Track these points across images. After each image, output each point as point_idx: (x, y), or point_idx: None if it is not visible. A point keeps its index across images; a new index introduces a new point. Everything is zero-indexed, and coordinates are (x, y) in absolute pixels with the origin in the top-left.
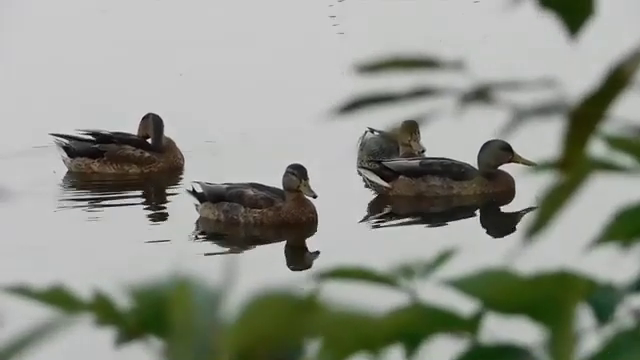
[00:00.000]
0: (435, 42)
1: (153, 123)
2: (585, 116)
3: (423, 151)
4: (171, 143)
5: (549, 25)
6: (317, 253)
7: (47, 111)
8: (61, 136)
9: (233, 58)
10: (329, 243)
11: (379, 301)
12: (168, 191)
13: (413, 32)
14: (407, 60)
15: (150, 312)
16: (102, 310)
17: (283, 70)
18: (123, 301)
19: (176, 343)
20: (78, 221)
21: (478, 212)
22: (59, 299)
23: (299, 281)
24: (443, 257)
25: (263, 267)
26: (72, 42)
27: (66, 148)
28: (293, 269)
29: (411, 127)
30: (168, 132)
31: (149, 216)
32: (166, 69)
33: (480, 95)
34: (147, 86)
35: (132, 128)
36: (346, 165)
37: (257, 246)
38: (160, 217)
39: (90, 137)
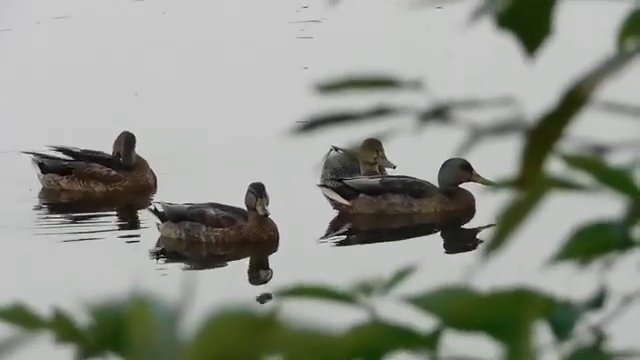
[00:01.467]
0: (398, 58)
1: (123, 140)
2: (543, 134)
3: (394, 167)
4: (142, 162)
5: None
6: (271, 271)
7: (18, 127)
8: (35, 153)
9: (195, 73)
10: (290, 261)
11: (339, 318)
12: (132, 210)
13: (378, 47)
14: (366, 80)
15: (109, 330)
16: (62, 328)
17: (245, 86)
18: (83, 319)
19: None
20: (42, 239)
21: (438, 230)
22: (19, 317)
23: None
24: (402, 274)
25: (224, 285)
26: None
27: (40, 164)
28: (254, 287)
29: (375, 145)
30: (144, 152)
31: (111, 235)
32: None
33: (438, 114)
34: (105, 104)
35: (104, 145)
36: (309, 183)
37: (218, 265)
38: (122, 236)
39: (60, 154)
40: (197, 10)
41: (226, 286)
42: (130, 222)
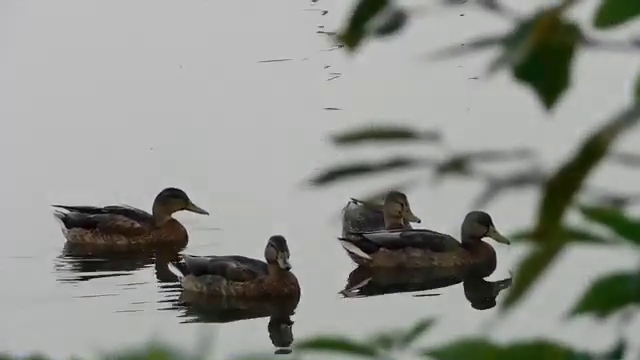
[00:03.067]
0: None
1: (159, 196)
2: (561, 186)
3: (419, 221)
4: (175, 221)
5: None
6: (291, 324)
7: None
8: (59, 206)
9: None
10: (311, 314)
11: None
12: (154, 263)
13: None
14: (384, 131)
15: None
16: None
17: (264, 134)
18: None
19: None
20: (64, 292)
21: (459, 283)
22: None
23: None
24: (421, 327)
25: (244, 339)
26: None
27: (64, 219)
28: (274, 341)
29: (399, 198)
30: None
31: (132, 288)
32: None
33: (456, 165)
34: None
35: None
36: (329, 236)
37: (239, 318)
38: (144, 289)
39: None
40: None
41: (247, 340)
42: (152, 276)
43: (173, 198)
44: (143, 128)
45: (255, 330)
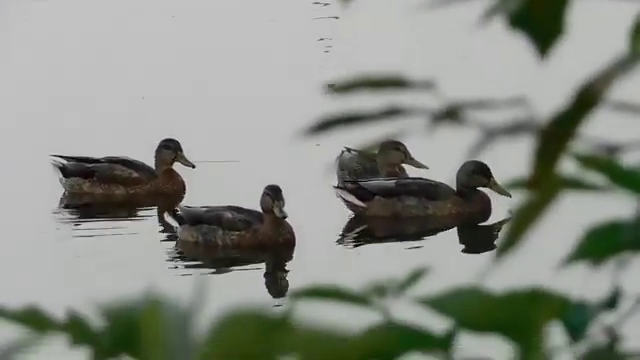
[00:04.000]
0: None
1: (157, 146)
2: (555, 134)
3: (427, 168)
4: (172, 171)
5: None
6: (287, 273)
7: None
8: (61, 157)
9: (205, 72)
10: (306, 263)
11: (353, 320)
12: (149, 213)
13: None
14: (378, 80)
15: (123, 332)
16: (76, 331)
17: (260, 85)
18: (97, 321)
19: None
20: (59, 242)
21: (454, 231)
22: (33, 320)
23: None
24: (416, 276)
25: (240, 289)
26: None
27: (62, 169)
28: (270, 290)
29: (401, 147)
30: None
31: (128, 238)
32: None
33: (450, 114)
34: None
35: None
36: (324, 185)
37: (234, 268)
38: (140, 240)
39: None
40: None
41: (242, 289)
42: (149, 225)
43: (165, 149)
44: (134, 78)
45: (251, 280)
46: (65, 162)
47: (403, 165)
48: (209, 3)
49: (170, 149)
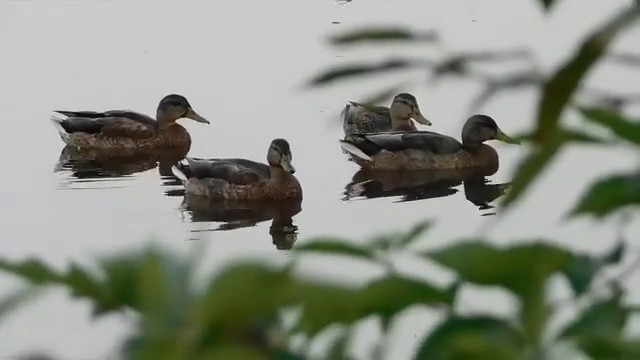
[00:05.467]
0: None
1: (161, 102)
2: (559, 87)
3: (430, 124)
4: (178, 125)
5: None
6: (293, 228)
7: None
8: (60, 112)
9: (210, 29)
10: (312, 217)
11: (356, 273)
12: (160, 166)
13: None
14: (380, 32)
15: (124, 284)
16: (78, 283)
17: (262, 35)
18: (99, 274)
19: (147, 314)
20: (70, 196)
21: (460, 185)
22: (34, 272)
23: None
24: (419, 229)
25: (245, 242)
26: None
27: (63, 124)
28: (276, 243)
29: (409, 100)
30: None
31: (136, 192)
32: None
33: (454, 67)
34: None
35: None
36: (330, 138)
37: (241, 221)
38: (148, 193)
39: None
40: None
41: (248, 243)
42: (158, 177)
43: (173, 105)
44: (136, 32)
45: (257, 233)
46: (66, 117)
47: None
48: None
49: (180, 105)
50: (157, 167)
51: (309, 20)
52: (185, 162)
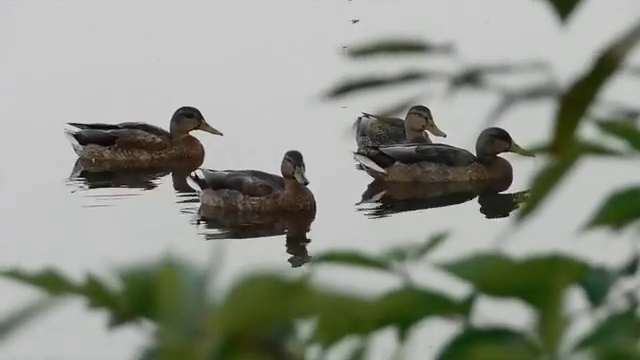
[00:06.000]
0: (435, 28)
1: (174, 114)
2: (575, 99)
3: (445, 135)
4: (192, 137)
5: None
6: (310, 241)
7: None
8: (73, 124)
9: (224, 37)
10: (326, 229)
11: (373, 285)
12: (175, 178)
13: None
14: (397, 44)
15: (141, 295)
16: (94, 293)
17: (278, 47)
18: (115, 285)
19: (164, 325)
20: (86, 208)
21: (474, 198)
22: (51, 283)
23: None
24: (435, 241)
25: (259, 254)
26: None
27: (77, 136)
28: (288, 256)
29: (424, 112)
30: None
31: (151, 203)
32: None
33: (470, 79)
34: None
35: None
36: (343, 150)
37: (255, 233)
38: (163, 204)
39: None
40: None
41: (262, 254)
42: (172, 189)
43: (187, 117)
44: (150, 40)
45: (271, 245)
46: (79, 129)
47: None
48: None
49: (193, 117)
50: (171, 178)
51: (325, 26)
52: (200, 173)
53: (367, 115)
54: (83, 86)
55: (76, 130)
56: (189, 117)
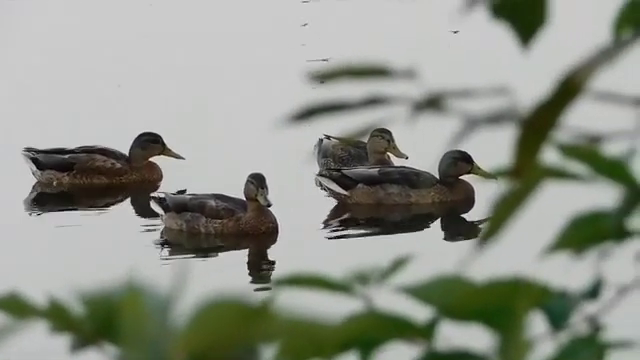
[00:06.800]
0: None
1: (139, 140)
2: (537, 124)
3: (407, 158)
4: (151, 162)
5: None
6: (273, 263)
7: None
8: (33, 150)
9: (187, 59)
10: (288, 251)
11: (335, 308)
12: (135, 200)
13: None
14: (360, 69)
15: (104, 319)
16: (57, 317)
17: (239, 76)
18: (78, 308)
19: (128, 349)
20: (44, 230)
21: (437, 220)
22: (14, 306)
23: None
24: (398, 264)
25: (222, 276)
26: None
27: (34, 160)
28: (253, 279)
29: (386, 135)
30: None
31: (114, 225)
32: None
33: (432, 103)
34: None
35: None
36: (304, 172)
37: (217, 255)
38: (126, 226)
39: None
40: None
41: (225, 277)
42: (133, 212)
43: (152, 143)
44: (110, 66)
45: (233, 268)
46: (36, 155)
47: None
48: None
49: (158, 143)
50: (130, 200)
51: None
52: (162, 195)
53: (328, 137)
54: (40, 109)
55: (33, 155)
56: (154, 143)
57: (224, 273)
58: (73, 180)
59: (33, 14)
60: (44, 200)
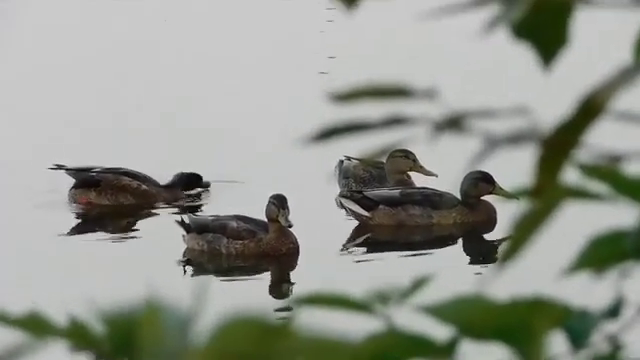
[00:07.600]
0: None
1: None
2: (558, 143)
3: (436, 176)
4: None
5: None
6: (292, 284)
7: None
8: (64, 168)
9: (206, 78)
10: (310, 272)
11: (356, 327)
12: (159, 221)
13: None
14: (380, 89)
15: (124, 337)
16: (77, 335)
17: (261, 96)
18: (98, 326)
19: None
20: (69, 248)
21: (458, 241)
22: (35, 325)
23: (276, 309)
24: (418, 284)
25: (243, 297)
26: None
27: (66, 173)
28: (271, 299)
29: (410, 155)
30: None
31: (135, 246)
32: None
33: (453, 123)
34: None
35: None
36: (327, 193)
37: (238, 276)
38: (147, 248)
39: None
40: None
41: (246, 298)
42: (158, 232)
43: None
44: (133, 89)
45: (254, 288)
46: (64, 171)
47: (410, 173)
48: (199, 7)
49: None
50: (156, 221)
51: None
52: (185, 218)
53: (349, 158)
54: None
55: (61, 171)
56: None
57: (245, 293)
58: (99, 198)
59: (44, 29)
60: (70, 217)
